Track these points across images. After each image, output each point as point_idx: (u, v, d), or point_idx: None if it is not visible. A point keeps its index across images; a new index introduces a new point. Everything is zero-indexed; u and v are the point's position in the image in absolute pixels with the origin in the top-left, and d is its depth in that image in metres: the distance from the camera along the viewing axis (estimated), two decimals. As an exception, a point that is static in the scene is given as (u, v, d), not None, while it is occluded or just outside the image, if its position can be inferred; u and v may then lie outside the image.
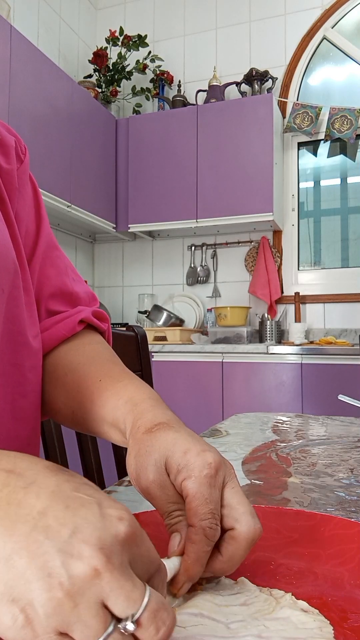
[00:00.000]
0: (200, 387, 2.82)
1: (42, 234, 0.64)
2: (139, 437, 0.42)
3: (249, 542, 0.36)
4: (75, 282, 0.67)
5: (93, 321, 0.64)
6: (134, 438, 0.43)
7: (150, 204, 3.24)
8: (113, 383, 0.52)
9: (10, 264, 0.53)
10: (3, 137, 0.59)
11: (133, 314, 3.63)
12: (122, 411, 0.48)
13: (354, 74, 3.27)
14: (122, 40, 3.39)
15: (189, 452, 0.38)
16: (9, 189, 0.59)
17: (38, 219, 0.64)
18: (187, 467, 0.37)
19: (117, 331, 1.08)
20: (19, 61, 2.44)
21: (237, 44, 3.47)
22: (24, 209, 0.62)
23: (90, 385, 0.54)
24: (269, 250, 3.29)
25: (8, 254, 0.53)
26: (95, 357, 0.59)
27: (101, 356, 0.59)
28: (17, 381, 0.55)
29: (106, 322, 0.68)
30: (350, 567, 0.39)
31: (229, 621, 0.32)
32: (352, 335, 3.11)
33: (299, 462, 0.75)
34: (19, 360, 0.55)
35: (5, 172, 0.58)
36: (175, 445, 0.39)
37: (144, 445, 0.40)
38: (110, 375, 0.54)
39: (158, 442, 0.40)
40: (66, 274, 0.66)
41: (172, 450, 0.38)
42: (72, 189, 2.88)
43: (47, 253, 0.64)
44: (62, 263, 0.66)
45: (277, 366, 2.71)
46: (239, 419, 1.15)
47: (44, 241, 0.64)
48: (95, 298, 0.69)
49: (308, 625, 0.32)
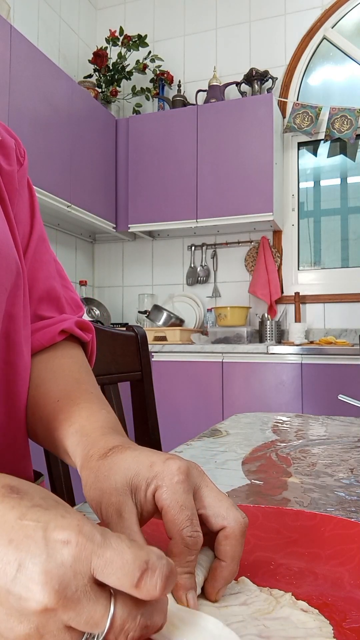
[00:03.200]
0: (200, 387, 2.82)
1: (34, 237, 0.64)
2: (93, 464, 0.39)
3: (243, 536, 0.36)
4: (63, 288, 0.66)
5: (75, 331, 0.62)
6: (87, 468, 0.40)
7: (150, 204, 3.24)
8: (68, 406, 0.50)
9: (13, 263, 0.53)
10: (4, 138, 0.59)
11: (133, 314, 3.63)
12: (71, 441, 0.46)
13: (354, 74, 3.27)
14: (122, 40, 3.39)
15: (154, 465, 0.36)
16: (10, 190, 0.59)
17: (32, 222, 0.64)
18: (157, 477, 0.35)
19: (117, 331, 1.08)
20: (19, 61, 2.44)
21: (237, 44, 3.47)
22: (22, 211, 0.62)
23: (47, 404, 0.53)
24: (269, 250, 3.29)
25: (11, 253, 0.53)
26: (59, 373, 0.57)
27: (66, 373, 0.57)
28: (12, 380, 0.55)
29: (90, 332, 0.66)
30: (350, 567, 0.39)
31: (228, 622, 0.32)
32: (352, 335, 3.11)
33: (299, 462, 0.75)
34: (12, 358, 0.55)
35: (6, 173, 0.58)
36: (138, 463, 0.37)
37: (100, 472, 0.38)
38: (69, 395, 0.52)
39: (117, 465, 0.37)
40: (55, 278, 0.65)
41: (137, 468, 0.36)
42: (72, 189, 2.88)
43: (38, 256, 0.64)
44: (52, 267, 0.65)
45: (277, 366, 2.71)
46: (239, 419, 1.15)
47: (35, 244, 0.64)
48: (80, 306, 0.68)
49: (308, 625, 0.32)
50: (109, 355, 1.02)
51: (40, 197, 2.59)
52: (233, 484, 0.63)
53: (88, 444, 0.43)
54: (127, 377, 1.08)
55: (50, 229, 3.16)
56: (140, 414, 1.12)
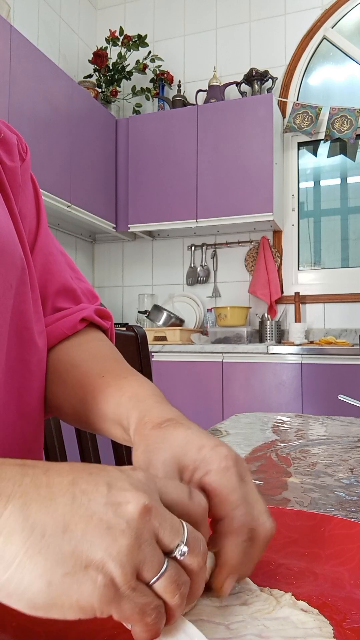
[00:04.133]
0: (200, 387, 2.82)
1: (41, 231, 0.64)
2: (147, 432, 0.41)
3: (265, 543, 0.36)
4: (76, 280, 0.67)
5: (95, 319, 0.63)
6: (140, 434, 0.41)
7: (150, 204, 3.24)
8: (116, 379, 0.51)
9: (18, 259, 0.53)
10: (5, 134, 0.59)
11: (133, 314, 3.63)
12: (125, 407, 0.47)
13: (354, 74, 3.27)
14: (122, 40, 3.39)
15: (204, 448, 0.37)
16: (13, 186, 0.59)
17: (38, 217, 0.65)
18: (205, 462, 0.36)
19: (117, 331, 1.08)
20: (19, 61, 2.44)
21: (237, 44, 3.47)
22: (26, 206, 0.62)
23: (92, 381, 0.53)
24: (269, 250, 3.29)
25: (15, 249, 0.53)
26: (97, 354, 0.58)
27: (103, 353, 0.59)
28: (24, 377, 0.55)
29: (109, 320, 0.67)
30: (350, 567, 0.39)
31: (228, 622, 0.32)
32: (352, 335, 3.11)
33: (299, 462, 0.75)
34: (25, 356, 0.55)
35: (9, 169, 0.58)
36: (188, 443, 0.38)
37: (153, 441, 0.39)
38: (113, 371, 0.53)
39: (169, 439, 0.38)
40: (67, 271, 0.66)
41: (186, 448, 0.37)
42: (72, 189, 2.88)
43: (48, 250, 0.64)
44: (63, 261, 0.66)
45: (277, 366, 2.71)
46: (239, 419, 1.15)
47: (43, 239, 0.64)
48: (95, 296, 0.69)
49: (308, 625, 0.32)
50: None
51: (40, 197, 2.59)
52: (233, 484, 0.63)
53: (144, 409, 0.44)
54: (127, 377, 1.08)
55: (50, 229, 3.16)
56: (140, 414, 1.11)
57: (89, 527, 0.26)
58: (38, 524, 0.26)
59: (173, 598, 0.28)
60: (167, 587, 0.27)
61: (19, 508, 0.26)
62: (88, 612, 0.26)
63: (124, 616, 0.26)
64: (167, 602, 0.28)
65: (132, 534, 0.27)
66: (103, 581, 0.26)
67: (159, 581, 0.27)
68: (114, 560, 0.26)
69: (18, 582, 0.25)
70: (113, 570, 0.26)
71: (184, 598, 0.28)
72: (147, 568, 0.27)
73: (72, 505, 0.27)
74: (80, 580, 0.25)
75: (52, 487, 0.28)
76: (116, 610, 0.26)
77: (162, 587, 0.27)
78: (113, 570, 0.26)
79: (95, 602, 0.25)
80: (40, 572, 0.25)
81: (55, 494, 0.27)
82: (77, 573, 0.25)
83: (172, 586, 0.28)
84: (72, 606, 0.25)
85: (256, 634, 0.31)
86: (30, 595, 0.25)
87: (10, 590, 0.25)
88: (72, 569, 0.25)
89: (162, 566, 0.27)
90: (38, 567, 0.25)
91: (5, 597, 0.26)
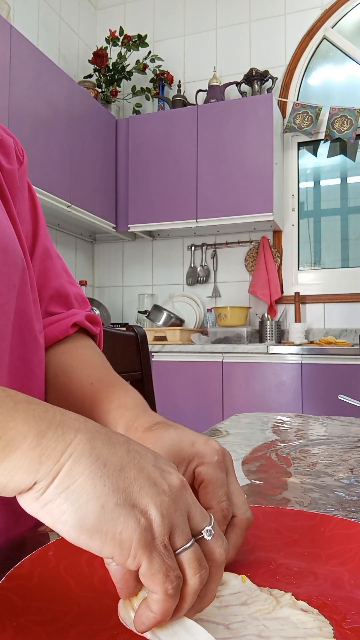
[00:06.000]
0: (200, 387, 2.82)
1: (39, 236, 0.65)
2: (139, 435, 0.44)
3: (247, 529, 0.40)
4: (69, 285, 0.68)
5: (86, 324, 0.65)
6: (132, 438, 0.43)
7: (150, 204, 3.24)
8: (104, 387, 0.54)
9: (19, 260, 0.54)
10: (2, 137, 0.59)
11: (133, 314, 3.63)
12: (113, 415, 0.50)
13: (354, 74, 3.27)
14: (122, 40, 3.39)
15: (196, 443, 0.41)
16: (11, 189, 0.59)
17: (35, 221, 0.65)
18: (198, 455, 0.40)
19: (117, 331, 1.08)
20: (19, 61, 2.44)
21: (237, 44, 3.47)
22: (24, 210, 0.62)
23: (81, 387, 0.55)
24: (269, 250, 3.29)
25: (17, 249, 0.54)
26: (87, 360, 0.60)
27: (92, 360, 0.61)
28: (27, 376, 0.56)
29: (99, 325, 0.69)
30: (350, 567, 0.39)
31: (228, 622, 0.32)
32: (352, 335, 3.11)
33: (299, 462, 0.75)
34: (27, 354, 0.56)
35: (7, 172, 0.59)
36: (181, 441, 0.41)
37: (147, 443, 0.41)
38: (102, 379, 0.56)
39: (162, 439, 0.42)
40: (62, 276, 0.67)
41: (179, 445, 0.41)
42: (72, 189, 2.88)
43: (45, 255, 0.65)
44: (59, 265, 0.67)
45: (277, 366, 2.71)
46: (239, 419, 1.15)
47: (42, 243, 0.65)
48: (86, 301, 0.71)
49: (308, 625, 0.32)
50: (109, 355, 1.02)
51: (40, 197, 2.59)
52: (233, 484, 0.63)
53: (132, 416, 0.48)
54: (127, 377, 1.08)
55: (50, 229, 3.16)
56: (140, 414, 1.11)
57: (140, 476, 0.29)
58: (102, 455, 0.29)
59: (194, 576, 0.29)
60: (191, 561, 0.29)
61: (87, 439, 0.30)
62: (125, 550, 0.28)
63: (152, 570, 0.28)
64: (187, 578, 0.29)
65: (172, 496, 0.30)
66: (145, 524, 0.28)
67: (185, 552, 0.29)
68: (157, 509, 0.29)
69: (76, 499, 0.28)
70: (154, 518, 0.28)
71: (202, 582, 0.30)
72: (179, 533, 0.29)
73: (127, 454, 0.30)
74: (128, 514, 0.28)
75: (111, 437, 0.31)
76: (148, 558, 0.28)
77: (187, 559, 0.29)
78: (154, 518, 0.28)
79: (134, 541, 0.28)
80: (99, 494, 0.28)
81: (114, 442, 0.31)
82: (126, 507, 0.28)
83: (195, 563, 0.29)
84: (114, 537, 0.28)
85: (256, 634, 0.31)
86: (83, 514, 0.27)
87: (65, 508, 0.28)
88: (123, 502, 0.28)
89: (189, 540, 0.30)
90: (97, 489, 0.28)
91: (58, 515, 0.28)
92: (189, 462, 0.40)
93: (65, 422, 0.30)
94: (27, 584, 0.35)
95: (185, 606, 0.30)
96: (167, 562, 0.28)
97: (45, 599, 0.34)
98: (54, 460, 0.28)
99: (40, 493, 0.28)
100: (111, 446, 0.30)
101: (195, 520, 0.30)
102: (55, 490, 0.28)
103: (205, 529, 0.31)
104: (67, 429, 0.30)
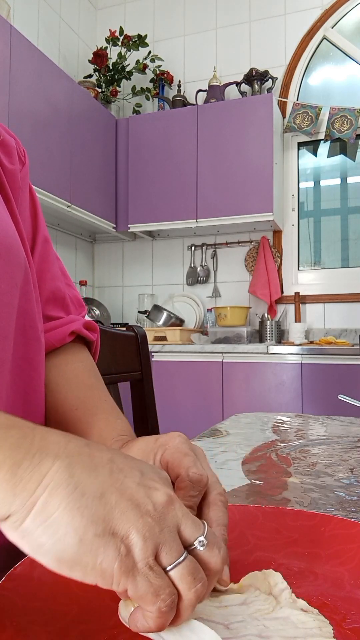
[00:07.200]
0: (200, 387, 2.82)
1: (38, 238, 0.65)
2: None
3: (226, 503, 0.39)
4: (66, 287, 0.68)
5: (83, 332, 0.65)
6: None
7: (150, 204, 3.24)
8: (87, 416, 0.55)
9: (22, 259, 0.54)
10: (4, 137, 0.59)
11: (133, 314, 3.63)
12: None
13: (354, 74, 3.27)
14: (122, 40, 3.39)
15: (159, 438, 0.42)
16: (13, 189, 0.59)
17: (35, 223, 0.65)
18: (161, 445, 0.41)
19: (117, 331, 1.08)
20: (19, 61, 2.44)
21: (237, 44, 3.47)
22: (25, 211, 0.62)
23: (65, 412, 0.56)
24: (269, 250, 3.29)
25: (19, 249, 0.54)
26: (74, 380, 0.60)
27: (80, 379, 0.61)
28: (29, 376, 0.56)
29: (96, 332, 0.68)
30: (350, 567, 0.39)
31: (228, 622, 0.32)
32: (352, 335, 3.11)
33: (299, 462, 0.75)
34: (30, 354, 0.56)
35: (8, 171, 0.59)
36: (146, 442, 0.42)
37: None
38: (85, 405, 0.56)
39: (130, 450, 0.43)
40: (59, 278, 0.67)
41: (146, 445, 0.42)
42: (72, 189, 2.88)
43: (44, 257, 0.65)
44: (56, 267, 0.67)
45: (277, 366, 2.71)
46: (239, 419, 1.15)
47: (41, 245, 0.65)
48: (82, 304, 0.71)
49: (308, 625, 0.32)
50: (109, 355, 1.02)
51: (40, 197, 2.59)
52: (233, 484, 0.63)
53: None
54: (127, 377, 1.08)
55: (50, 229, 3.16)
56: (140, 414, 1.12)
57: (122, 500, 0.29)
58: (80, 484, 0.28)
59: (189, 591, 0.29)
60: (183, 577, 0.29)
61: (65, 467, 0.29)
62: (107, 579, 0.27)
63: (138, 593, 0.28)
64: (181, 594, 0.29)
65: (157, 516, 0.29)
66: (125, 550, 0.28)
67: (175, 569, 0.29)
68: (138, 533, 0.28)
69: (53, 532, 0.27)
70: (134, 543, 0.28)
71: (199, 596, 0.29)
72: (166, 551, 0.29)
73: (109, 477, 0.30)
74: (107, 544, 0.27)
75: (93, 459, 0.30)
76: (132, 583, 0.27)
77: (178, 575, 0.29)
78: (134, 543, 0.28)
79: (115, 569, 0.27)
80: (76, 526, 0.27)
81: (97, 464, 0.30)
82: (105, 536, 0.27)
83: (189, 577, 0.29)
84: (94, 567, 0.27)
85: (256, 634, 0.31)
86: (61, 547, 0.27)
87: (43, 540, 0.27)
88: (102, 532, 0.27)
89: (180, 555, 0.29)
90: (74, 522, 0.27)
91: (37, 548, 0.27)
92: (154, 456, 0.40)
93: (45, 447, 0.29)
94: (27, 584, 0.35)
95: (183, 619, 0.29)
96: (156, 582, 0.28)
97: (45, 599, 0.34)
98: (29, 492, 0.27)
99: (19, 524, 0.27)
100: (92, 470, 0.29)
101: (186, 533, 0.30)
102: (33, 523, 0.27)
103: (198, 539, 0.30)
104: (44, 456, 0.29)
